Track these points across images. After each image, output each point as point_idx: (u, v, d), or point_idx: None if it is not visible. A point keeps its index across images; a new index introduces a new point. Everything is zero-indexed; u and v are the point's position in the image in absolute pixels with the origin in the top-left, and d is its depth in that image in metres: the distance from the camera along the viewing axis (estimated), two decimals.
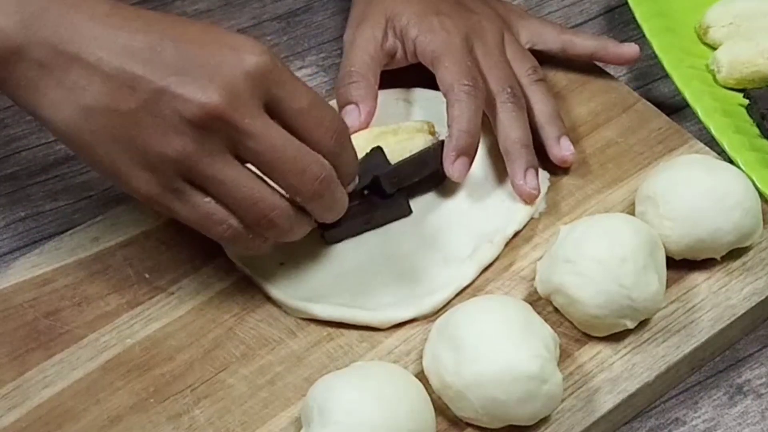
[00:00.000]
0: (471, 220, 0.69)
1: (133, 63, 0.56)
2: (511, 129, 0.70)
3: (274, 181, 0.59)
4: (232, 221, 0.59)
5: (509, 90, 0.70)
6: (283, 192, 0.60)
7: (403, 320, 0.64)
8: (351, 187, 0.63)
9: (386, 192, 0.67)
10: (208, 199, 0.59)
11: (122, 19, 0.57)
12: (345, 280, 0.66)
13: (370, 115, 0.70)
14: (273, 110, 0.58)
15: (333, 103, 0.74)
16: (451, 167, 0.68)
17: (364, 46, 0.73)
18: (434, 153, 0.68)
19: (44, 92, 0.57)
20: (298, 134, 0.59)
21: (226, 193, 0.58)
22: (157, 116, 0.56)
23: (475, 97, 0.69)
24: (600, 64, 0.80)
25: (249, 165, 0.59)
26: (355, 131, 0.68)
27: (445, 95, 0.69)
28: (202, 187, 0.58)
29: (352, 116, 0.70)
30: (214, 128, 0.56)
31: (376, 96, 0.71)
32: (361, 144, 0.68)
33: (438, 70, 0.70)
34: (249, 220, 0.59)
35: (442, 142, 0.69)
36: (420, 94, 0.75)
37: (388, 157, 0.67)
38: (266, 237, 0.61)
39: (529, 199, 0.69)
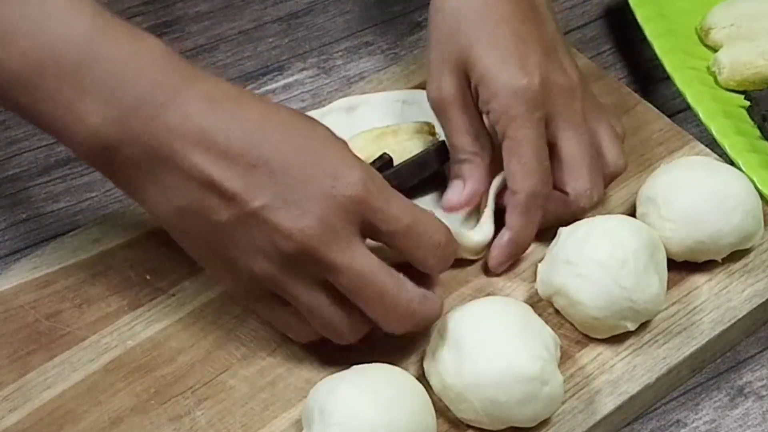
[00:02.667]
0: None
1: (228, 177, 0.55)
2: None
3: (362, 309, 0.58)
4: (309, 333, 0.61)
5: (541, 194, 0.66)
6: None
7: None
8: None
9: None
10: (288, 308, 0.59)
11: (218, 118, 0.55)
12: None
13: (473, 194, 0.67)
14: (371, 234, 0.58)
15: (333, 105, 0.74)
16: (496, 264, 0.67)
17: (459, 111, 0.67)
18: (434, 155, 0.68)
19: (142, 188, 0.57)
20: (399, 254, 0.59)
21: (307, 313, 0.59)
22: (248, 235, 0.56)
23: (538, 209, 0.65)
24: (600, 65, 0.80)
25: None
26: (455, 209, 0.68)
27: (507, 178, 0.66)
28: (284, 299, 0.59)
29: (455, 190, 0.68)
30: (302, 260, 0.56)
31: (485, 171, 0.67)
32: (361, 144, 0.68)
33: (509, 155, 0.65)
34: (327, 335, 0.60)
35: (442, 143, 0.69)
36: (420, 96, 0.75)
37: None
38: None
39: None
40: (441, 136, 0.70)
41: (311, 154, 0.56)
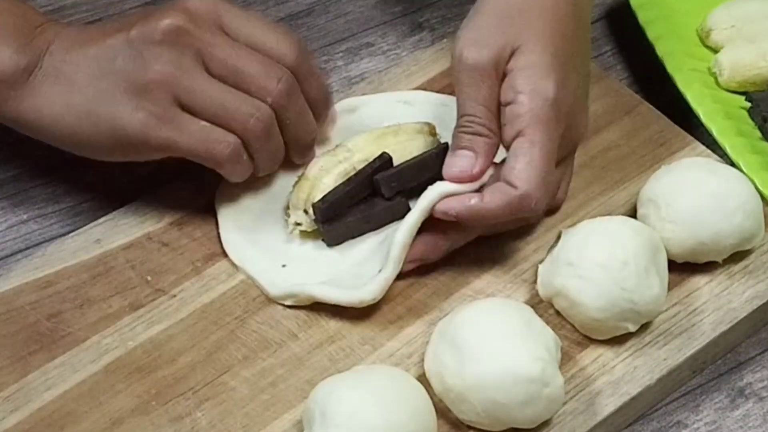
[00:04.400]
0: None
1: (107, 35, 0.65)
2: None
3: (242, 90, 0.64)
4: (230, 138, 0.64)
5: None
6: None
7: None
8: (325, 115, 0.70)
9: (385, 195, 0.68)
10: (203, 123, 0.64)
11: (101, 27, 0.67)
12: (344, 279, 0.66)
13: (483, 172, 0.65)
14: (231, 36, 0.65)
15: (337, 106, 0.74)
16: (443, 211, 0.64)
17: (487, 86, 0.65)
18: (436, 158, 0.68)
19: (44, 93, 0.64)
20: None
21: (211, 104, 0.64)
22: (136, 53, 0.63)
23: (530, 214, 0.65)
24: (602, 66, 0.80)
25: None
26: (465, 181, 0.64)
27: (506, 175, 0.63)
28: (192, 109, 0.64)
29: (467, 161, 0.64)
30: (184, 43, 0.63)
31: (493, 155, 0.65)
32: (362, 144, 0.69)
33: (521, 155, 0.63)
34: (240, 126, 0.64)
35: (445, 146, 0.68)
36: (421, 96, 0.75)
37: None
38: (262, 152, 0.66)
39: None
40: (442, 137, 0.70)
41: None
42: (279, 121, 0.66)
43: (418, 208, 0.64)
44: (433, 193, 0.64)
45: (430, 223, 0.65)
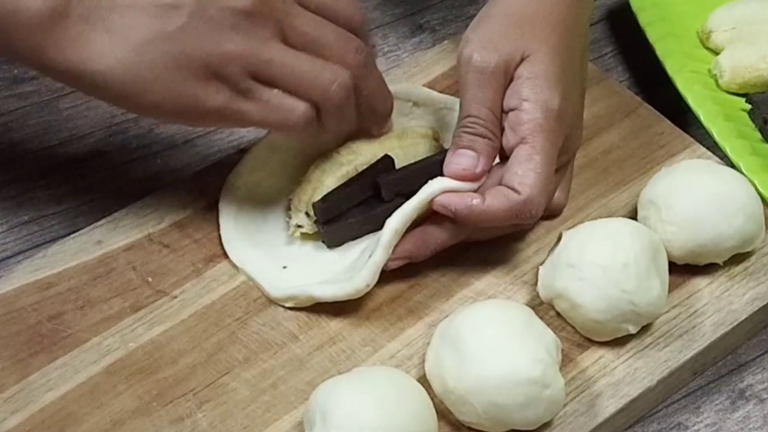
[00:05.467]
0: None
1: None
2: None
3: (324, 58, 0.63)
4: (302, 106, 0.62)
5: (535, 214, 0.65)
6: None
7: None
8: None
9: (385, 198, 0.68)
10: (276, 90, 0.62)
11: None
12: None
13: (484, 173, 0.65)
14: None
15: None
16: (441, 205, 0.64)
17: (493, 90, 0.65)
18: (438, 164, 0.67)
19: (93, 43, 0.59)
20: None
21: (289, 73, 0.62)
22: (208, 21, 0.59)
23: (518, 217, 0.64)
24: (602, 68, 0.80)
25: None
26: (468, 180, 0.64)
27: (506, 178, 0.64)
28: (267, 79, 0.61)
29: (470, 160, 0.64)
30: (263, 13, 0.60)
31: (494, 157, 0.66)
32: (366, 147, 0.68)
33: (525, 161, 0.63)
34: (317, 95, 0.62)
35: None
36: (427, 95, 0.74)
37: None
38: (337, 120, 0.64)
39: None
40: (445, 143, 0.70)
41: None
42: (357, 90, 0.65)
43: (417, 198, 0.64)
44: (434, 185, 0.64)
45: (420, 223, 0.65)
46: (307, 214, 0.67)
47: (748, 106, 0.77)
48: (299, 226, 0.67)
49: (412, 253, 0.66)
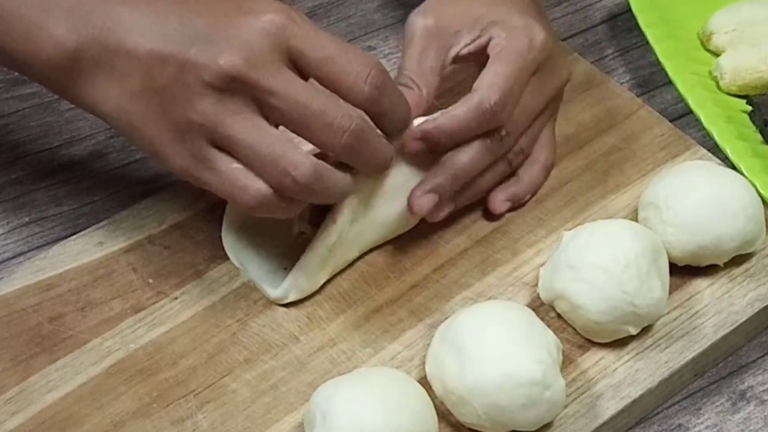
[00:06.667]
0: None
1: (164, 42, 0.58)
2: (468, 159, 0.66)
3: (304, 139, 0.59)
4: (260, 185, 0.59)
5: (519, 150, 0.69)
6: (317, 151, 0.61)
7: None
8: (400, 135, 0.63)
9: None
10: (235, 165, 0.59)
11: (156, 4, 0.60)
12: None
13: (431, 95, 0.66)
14: (298, 65, 0.59)
15: None
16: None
17: (430, 50, 0.68)
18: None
19: (99, 86, 0.60)
20: (327, 86, 0.59)
21: (249, 151, 0.58)
22: (183, 86, 0.58)
23: (499, 148, 0.66)
24: (603, 70, 0.80)
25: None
26: (414, 101, 0.65)
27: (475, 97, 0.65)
28: (228, 151, 0.59)
29: (409, 94, 0.65)
30: (235, 89, 0.58)
31: (416, 106, 0.66)
32: None
33: (488, 67, 0.66)
34: (273, 180, 0.59)
35: None
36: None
37: None
38: (299, 200, 0.61)
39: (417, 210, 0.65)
40: None
41: (237, 2, 0.60)
42: (353, 150, 0.61)
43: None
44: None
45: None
46: (310, 222, 0.67)
47: (749, 108, 0.77)
48: (302, 233, 0.67)
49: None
